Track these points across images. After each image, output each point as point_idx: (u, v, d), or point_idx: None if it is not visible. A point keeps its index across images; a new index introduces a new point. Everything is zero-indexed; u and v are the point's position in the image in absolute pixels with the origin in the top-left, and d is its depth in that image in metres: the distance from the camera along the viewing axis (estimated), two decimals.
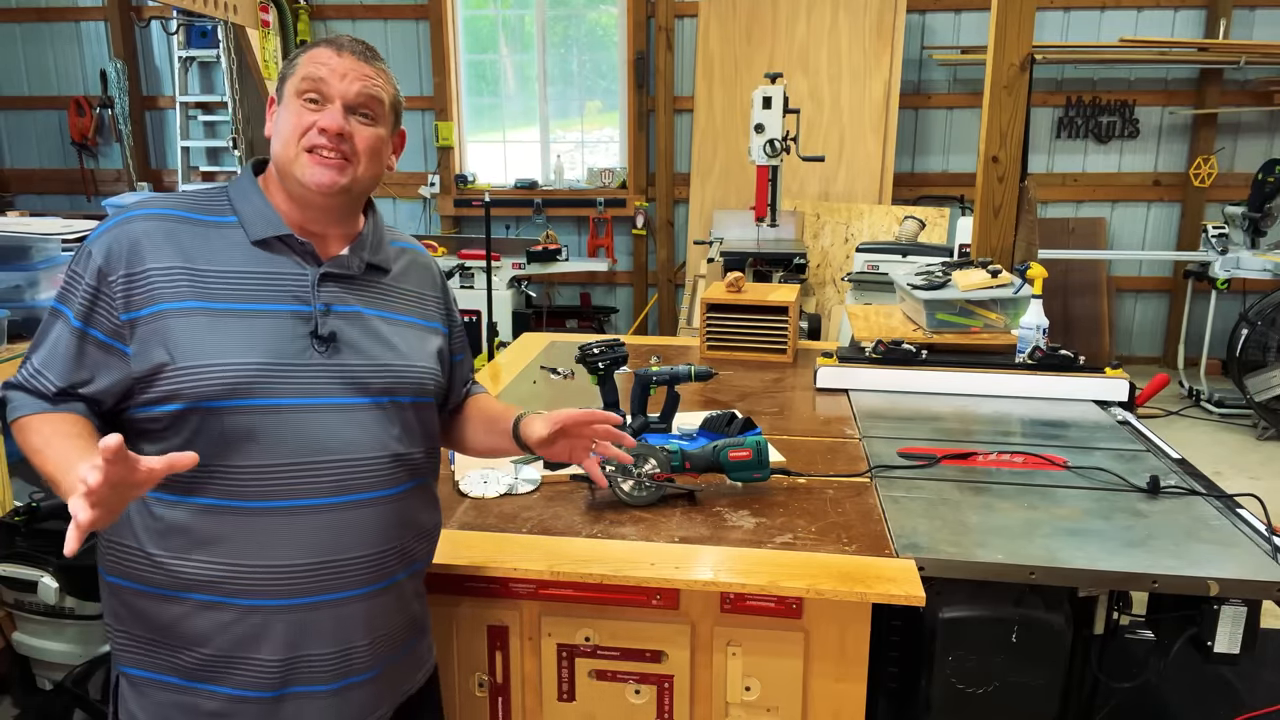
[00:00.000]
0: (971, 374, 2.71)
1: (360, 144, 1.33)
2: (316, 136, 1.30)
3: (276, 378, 1.25)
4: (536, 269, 6.14)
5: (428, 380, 1.42)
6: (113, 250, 1.25)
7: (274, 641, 1.27)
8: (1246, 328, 5.28)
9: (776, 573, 1.60)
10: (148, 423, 1.26)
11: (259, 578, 1.25)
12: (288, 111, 1.32)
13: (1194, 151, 6.47)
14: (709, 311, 3.16)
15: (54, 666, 2.45)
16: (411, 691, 1.48)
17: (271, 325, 1.27)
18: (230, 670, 1.27)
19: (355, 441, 1.30)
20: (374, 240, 1.42)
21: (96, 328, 1.25)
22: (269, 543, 1.25)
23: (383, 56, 1.40)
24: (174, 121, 7.02)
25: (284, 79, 1.35)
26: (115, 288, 1.24)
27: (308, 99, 1.31)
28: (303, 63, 1.33)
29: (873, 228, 5.90)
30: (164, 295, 1.24)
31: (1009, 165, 3.58)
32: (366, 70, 1.34)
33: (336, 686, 1.32)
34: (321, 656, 1.30)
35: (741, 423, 2.05)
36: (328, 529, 1.28)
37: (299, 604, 1.27)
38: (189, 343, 1.22)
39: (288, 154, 1.31)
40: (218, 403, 1.23)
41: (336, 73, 1.31)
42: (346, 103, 1.32)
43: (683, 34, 6.70)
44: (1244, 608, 1.60)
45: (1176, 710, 2.58)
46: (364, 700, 1.36)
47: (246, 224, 1.32)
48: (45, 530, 2.35)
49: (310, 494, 1.27)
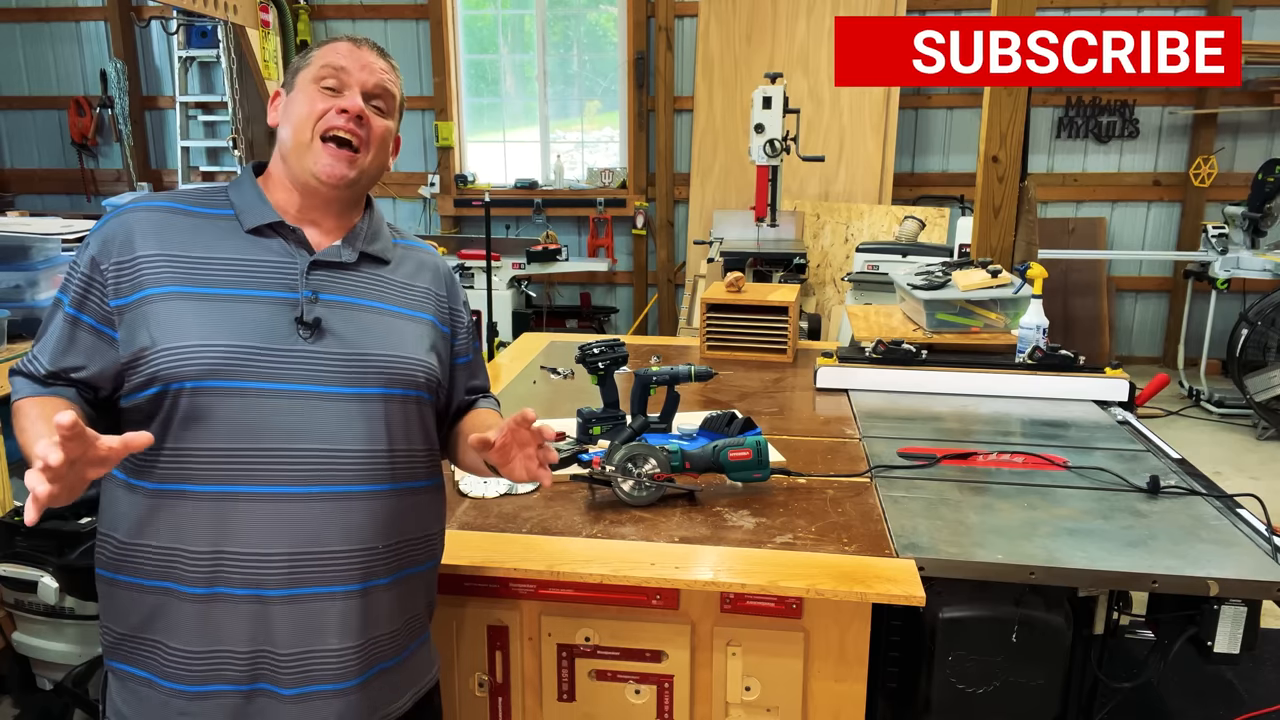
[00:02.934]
0: (971, 374, 2.71)
1: (374, 132, 1.36)
2: (335, 118, 1.32)
3: (257, 362, 1.25)
4: (536, 269, 6.14)
5: (418, 373, 1.38)
6: (107, 240, 1.29)
7: (241, 633, 1.24)
8: (1246, 328, 5.28)
9: (776, 573, 1.60)
10: (133, 411, 1.27)
11: (232, 565, 1.23)
12: (303, 96, 1.34)
13: (1194, 151, 6.48)
14: (709, 311, 3.16)
15: (54, 666, 2.45)
16: (398, 714, 1.40)
17: (255, 310, 1.27)
18: (203, 663, 1.25)
19: (338, 432, 1.28)
20: (370, 232, 1.42)
21: (89, 314, 1.27)
22: (243, 528, 1.23)
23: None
24: (174, 121, 7.02)
25: (297, 71, 1.37)
26: (107, 275, 1.26)
27: (326, 85, 1.34)
28: (320, 54, 1.36)
29: (873, 228, 5.90)
30: (149, 281, 1.26)
31: (1009, 165, 3.58)
32: (383, 65, 1.39)
33: (297, 692, 1.27)
34: (285, 656, 1.26)
35: (741, 423, 2.05)
36: (305, 519, 1.25)
37: (270, 595, 1.24)
38: (169, 325, 1.23)
39: (301, 138, 1.33)
40: (195, 383, 1.23)
41: (357, 63, 1.36)
42: (365, 91, 1.36)
43: (683, 34, 6.70)
44: (1244, 608, 1.61)
45: (1176, 710, 2.58)
46: (327, 713, 1.29)
47: (241, 214, 1.34)
48: (45, 530, 2.35)
49: (287, 481, 1.25)
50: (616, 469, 1.86)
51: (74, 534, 2.30)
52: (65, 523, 2.31)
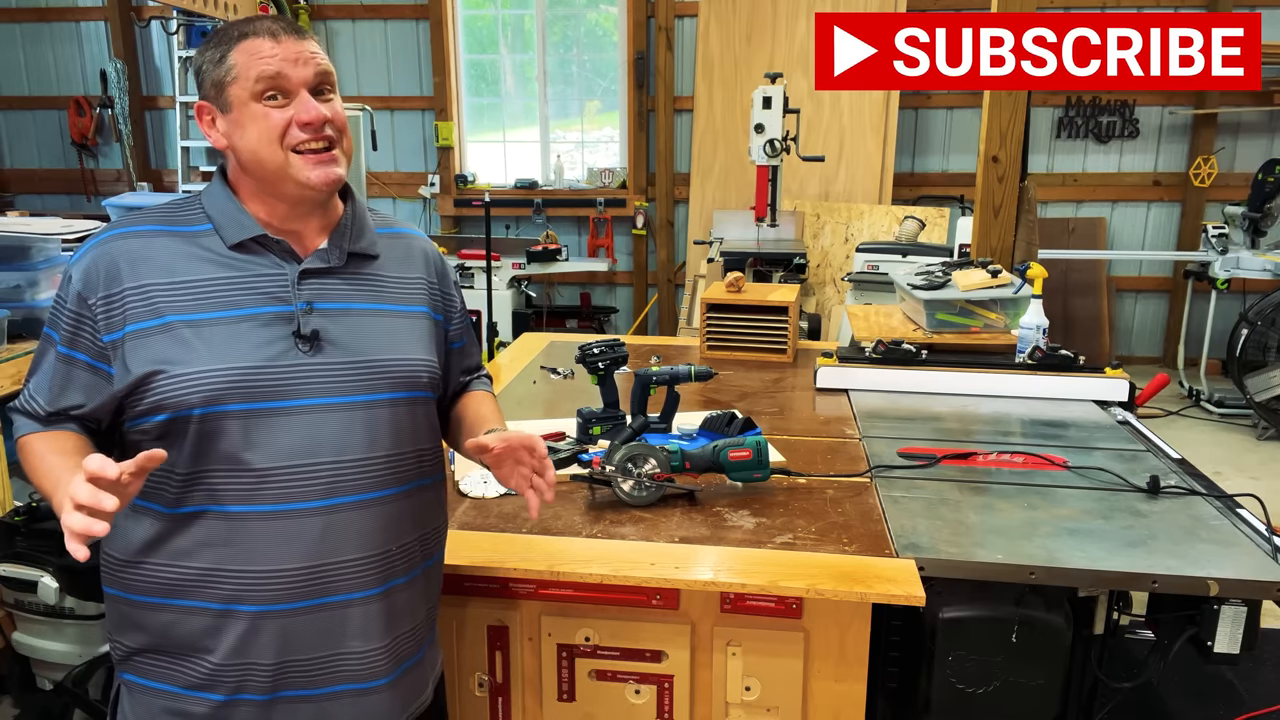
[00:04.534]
0: (971, 374, 2.71)
1: (336, 121, 1.30)
2: (299, 133, 1.25)
3: (260, 382, 1.23)
4: (536, 269, 6.14)
5: (421, 373, 1.37)
6: (90, 274, 1.24)
7: (263, 647, 1.25)
8: (1246, 328, 5.28)
9: (776, 573, 1.60)
10: (139, 434, 1.26)
11: (249, 584, 1.24)
12: (249, 116, 1.25)
13: (1194, 151, 6.47)
14: (709, 311, 3.16)
15: (54, 666, 2.45)
16: (425, 705, 1.45)
17: (252, 329, 1.25)
18: (221, 677, 1.26)
19: (347, 442, 1.28)
20: (355, 228, 1.37)
21: (82, 351, 1.25)
22: (259, 548, 1.24)
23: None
24: (174, 121, 7.01)
25: (221, 85, 1.26)
26: (96, 311, 1.23)
27: (268, 99, 1.25)
28: (244, 62, 1.25)
29: (873, 228, 5.90)
30: (140, 314, 1.23)
31: (1009, 165, 3.58)
32: (309, 47, 1.28)
33: (323, 691, 1.29)
34: (308, 661, 1.28)
35: (741, 423, 2.05)
36: (319, 532, 1.26)
37: (290, 609, 1.25)
38: (169, 355, 1.21)
39: (274, 159, 1.26)
40: (201, 410, 1.21)
41: (288, 61, 1.25)
42: (309, 87, 1.27)
43: (683, 34, 6.70)
44: (1244, 608, 1.60)
45: (1176, 710, 2.58)
46: (357, 713, 1.32)
47: (221, 229, 1.29)
48: (45, 530, 2.34)
49: (301, 497, 1.25)
50: (616, 469, 1.86)
51: None
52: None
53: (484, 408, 1.53)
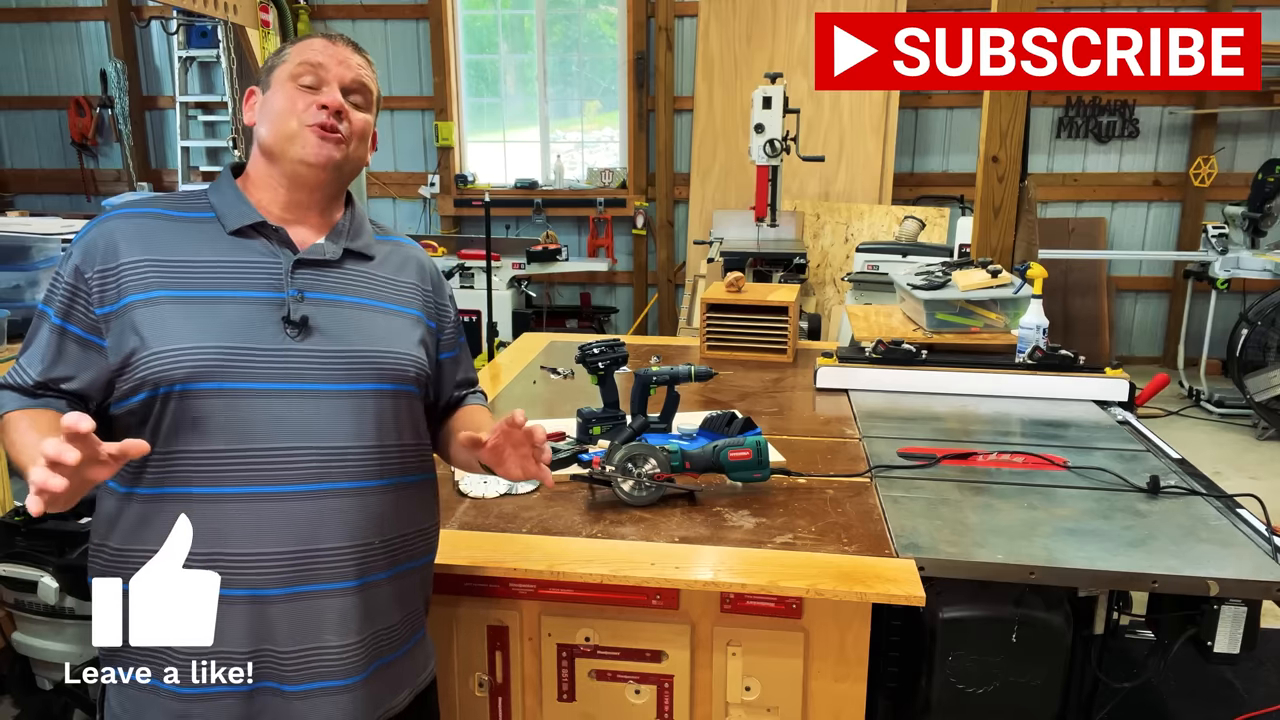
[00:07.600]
0: (971, 374, 2.71)
1: (354, 126, 1.37)
2: (317, 113, 1.32)
3: (245, 362, 1.25)
4: (536, 269, 6.14)
5: (408, 367, 1.38)
6: (90, 249, 1.28)
7: (239, 634, 1.24)
8: (1246, 328, 5.28)
9: (776, 573, 1.60)
10: (125, 418, 1.27)
11: (228, 566, 1.23)
12: (281, 94, 1.34)
13: (1194, 151, 6.47)
14: (709, 311, 3.16)
15: (54, 666, 2.45)
16: (398, 709, 1.40)
17: (241, 310, 1.27)
18: (198, 663, 1.25)
19: (330, 429, 1.28)
20: (353, 229, 1.42)
21: (75, 324, 1.26)
22: (239, 531, 1.23)
23: (373, 57, 1.44)
24: (174, 121, 7.02)
25: (271, 69, 1.37)
26: (91, 284, 1.26)
27: (304, 83, 1.34)
28: (296, 51, 1.36)
29: (873, 228, 5.90)
30: (134, 287, 1.25)
31: (1009, 165, 3.58)
32: (359, 60, 1.39)
33: (302, 689, 1.28)
34: (287, 654, 1.26)
35: (741, 423, 2.05)
36: (301, 518, 1.25)
37: (267, 595, 1.24)
38: (156, 329, 1.23)
39: (285, 130, 1.33)
40: (183, 386, 1.22)
41: (333, 59, 1.36)
42: (343, 86, 1.36)
43: (683, 34, 6.70)
44: (1244, 608, 1.60)
45: (1176, 710, 2.58)
46: (332, 710, 1.29)
47: (222, 216, 1.33)
48: (45, 530, 2.34)
49: (281, 481, 1.25)
50: (616, 469, 1.86)
51: (74, 534, 2.29)
52: (65, 523, 2.30)
53: (480, 416, 1.54)
